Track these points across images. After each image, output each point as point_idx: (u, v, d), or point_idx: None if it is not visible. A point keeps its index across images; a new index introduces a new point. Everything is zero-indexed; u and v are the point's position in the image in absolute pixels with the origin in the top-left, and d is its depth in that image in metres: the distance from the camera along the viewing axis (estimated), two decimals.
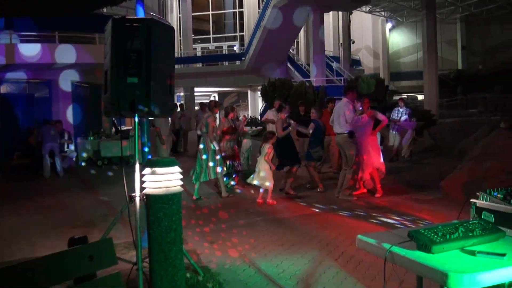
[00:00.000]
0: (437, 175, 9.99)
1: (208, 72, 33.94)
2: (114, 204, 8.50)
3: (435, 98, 26.13)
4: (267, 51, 29.10)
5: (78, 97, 16.41)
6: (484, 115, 24.31)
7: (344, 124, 8.77)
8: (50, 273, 2.39)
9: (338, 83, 27.58)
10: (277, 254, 5.65)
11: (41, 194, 10.34)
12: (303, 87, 22.14)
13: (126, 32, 3.95)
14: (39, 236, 6.81)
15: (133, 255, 4.41)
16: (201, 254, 5.70)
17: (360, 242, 2.67)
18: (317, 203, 8.59)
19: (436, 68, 26.71)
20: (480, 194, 2.86)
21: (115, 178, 11.54)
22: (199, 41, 39.89)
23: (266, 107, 24.00)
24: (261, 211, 8.09)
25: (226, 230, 6.81)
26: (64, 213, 8.40)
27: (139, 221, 4.04)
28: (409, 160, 13.72)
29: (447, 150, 13.91)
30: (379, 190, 8.96)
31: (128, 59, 3.91)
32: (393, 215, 7.44)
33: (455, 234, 2.39)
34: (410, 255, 2.29)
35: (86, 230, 6.76)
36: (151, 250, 3.90)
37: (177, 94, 37.53)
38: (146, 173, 3.93)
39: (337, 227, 6.83)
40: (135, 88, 3.89)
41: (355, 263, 5.22)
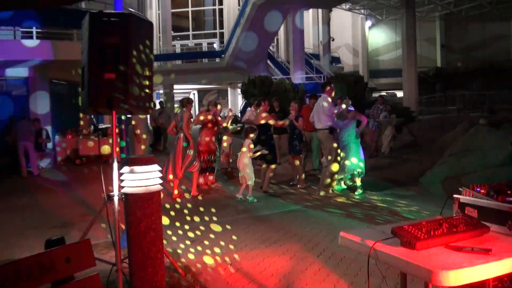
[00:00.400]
0: (417, 171, 10.06)
1: (187, 69, 33.74)
2: (93, 204, 8.37)
3: (414, 95, 26.32)
4: (247, 49, 29.04)
5: (55, 95, 16.16)
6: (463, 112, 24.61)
7: (324, 119, 8.77)
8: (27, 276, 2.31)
9: (318, 80, 27.63)
10: (258, 252, 5.60)
11: (18, 193, 10.15)
12: (283, 84, 22.16)
13: (103, 27, 3.87)
14: (17, 237, 6.65)
15: (112, 255, 4.34)
16: (182, 254, 5.63)
17: (343, 240, 2.63)
18: (298, 200, 8.57)
19: (415, 66, 26.90)
20: (463, 190, 2.85)
21: (94, 176, 11.38)
22: (179, 38, 39.64)
23: (246, 104, 23.96)
24: (242, 209, 8.04)
25: (207, 229, 6.74)
26: (42, 213, 8.25)
27: (118, 221, 3.97)
28: (389, 157, 13.79)
29: (426, 146, 14.02)
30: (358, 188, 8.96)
31: (106, 55, 3.83)
32: (374, 211, 7.46)
33: (439, 230, 2.37)
34: (394, 252, 2.26)
35: (64, 230, 6.64)
36: (131, 250, 3.82)
37: (157, 91, 37.26)
38: (124, 171, 3.85)
39: (319, 224, 6.81)
40: (112, 84, 3.80)
41: (337, 259, 5.20)
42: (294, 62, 27.77)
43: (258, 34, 27.97)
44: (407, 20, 26.78)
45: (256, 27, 27.52)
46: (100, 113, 4.20)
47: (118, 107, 3.99)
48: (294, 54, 27.77)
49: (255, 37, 28.19)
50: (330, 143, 8.80)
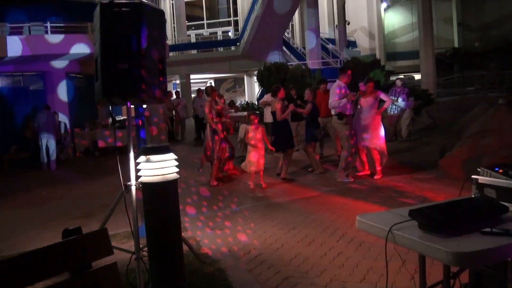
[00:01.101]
0: (437, 154, 9.94)
1: (203, 58, 33.72)
2: (113, 195, 8.41)
3: (432, 77, 26.01)
4: (262, 36, 28.89)
5: (73, 88, 16.29)
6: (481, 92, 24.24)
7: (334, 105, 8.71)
8: (45, 265, 2.33)
9: (334, 65, 27.44)
10: (277, 238, 5.60)
11: (38, 186, 10.29)
12: (299, 70, 22.04)
13: (114, 17, 3.86)
14: (37, 229, 6.76)
15: (132, 244, 4.37)
16: (201, 241, 5.66)
17: (360, 223, 2.61)
18: (316, 186, 8.55)
19: (433, 47, 26.54)
20: (481, 170, 2.80)
21: (112, 168, 11.45)
22: (193, 27, 39.61)
23: (263, 91, 23.89)
24: (260, 196, 8.04)
25: (225, 216, 6.77)
26: (62, 205, 8.36)
27: (136, 210, 3.99)
28: (408, 140, 13.67)
29: (445, 128, 13.84)
30: (379, 172, 8.89)
31: (118, 45, 3.82)
32: (393, 195, 7.40)
33: (457, 212, 2.33)
34: (412, 234, 2.23)
35: (84, 221, 6.73)
36: (149, 239, 3.84)
37: (173, 81, 37.36)
38: (140, 161, 3.86)
39: (337, 209, 6.79)
40: (126, 74, 3.80)
41: (356, 244, 5.18)
42: (310, 48, 27.58)
43: (272, 20, 27.79)
44: (422, 0, 26.37)
45: (271, 13, 27.34)
46: (115, 104, 4.21)
47: (132, 97, 3.99)
48: (310, 40, 27.57)
49: (270, 24, 28.02)
50: (342, 129, 8.74)
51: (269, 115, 10.90)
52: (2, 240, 6.34)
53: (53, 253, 2.39)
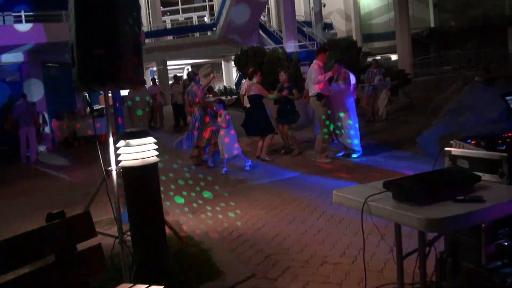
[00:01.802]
0: (414, 132, 10.09)
1: (179, 44, 33.44)
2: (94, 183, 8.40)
3: (408, 58, 26.16)
4: (238, 20, 28.75)
5: (49, 78, 16.09)
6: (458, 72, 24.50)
7: (312, 86, 8.76)
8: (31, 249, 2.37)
9: (311, 48, 27.44)
10: (259, 219, 5.68)
11: (19, 178, 10.23)
12: (276, 53, 21.99)
13: (89, 3, 3.85)
14: (20, 220, 6.72)
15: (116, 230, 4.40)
16: (183, 224, 5.71)
17: (337, 197, 2.68)
18: (294, 167, 8.64)
19: (409, 27, 26.65)
20: (454, 142, 2.89)
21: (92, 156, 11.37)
22: (168, 13, 39.23)
23: (240, 76, 23.85)
24: (240, 179, 8.11)
25: (207, 200, 6.82)
26: (44, 196, 8.33)
27: (118, 195, 4.02)
28: (386, 120, 13.83)
29: (422, 107, 14.01)
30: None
31: (93, 31, 3.82)
32: (371, 173, 7.53)
33: (431, 182, 2.41)
34: (386, 204, 2.31)
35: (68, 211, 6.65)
36: (132, 222, 3.88)
37: (150, 69, 37.05)
38: (120, 145, 3.88)
39: (316, 189, 6.89)
40: (102, 60, 3.80)
41: (336, 221, 5.28)
42: (286, 31, 27.46)
43: (248, 4, 27.67)
44: None
45: None
46: (93, 90, 4.21)
47: (109, 82, 4.00)
48: (286, 23, 27.46)
49: (246, 8, 27.89)
50: (319, 110, 8.81)
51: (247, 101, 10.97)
52: None
53: (38, 236, 2.43)
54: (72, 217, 2.70)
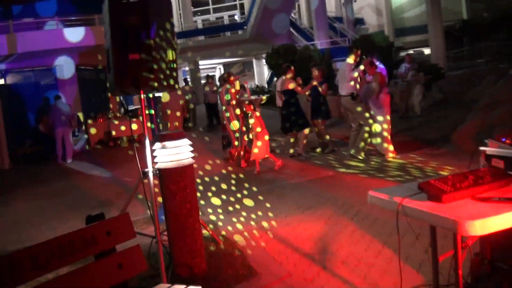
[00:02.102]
0: (448, 128, 9.95)
1: (210, 44, 33.67)
2: (130, 182, 8.60)
3: (441, 51, 25.77)
4: (269, 18, 28.77)
5: (83, 81, 16.43)
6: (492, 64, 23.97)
7: (346, 85, 8.73)
8: (71, 250, 2.45)
9: (343, 44, 27.27)
10: (293, 218, 5.71)
11: (55, 178, 10.47)
12: (307, 51, 21.95)
13: (123, 9, 3.94)
14: (57, 219, 6.92)
15: (152, 229, 4.49)
16: (219, 224, 5.78)
17: (372, 198, 2.69)
18: (329, 166, 8.63)
19: (441, 20, 26.23)
20: (489, 141, 2.86)
21: (127, 157, 11.62)
22: (199, 13, 39.53)
23: (272, 74, 23.86)
24: (274, 178, 8.14)
25: (242, 199, 6.87)
26: (81, 196, 8.52)
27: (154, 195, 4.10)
28: (420, 116, 13.65)
29: (456, 102, 13.81)
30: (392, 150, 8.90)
31: (128, 36, 3.91)
32: (406, 171, 7.46)
33: (465, 183, 2.40)
34: (422, 206, 2.31)
35: (104, 209, 6.82)
36: (169, 223, 3.97)
37: (182, 69, 37.40)
38: (156, 148, 3.97)
39: (351, 187, 6.88)
40: (137, 64, 3.89)
41: (370, 221, 5.26)
42: (317, 28, 27.39)
43: (278, 1, 27.64)
44: None
45: None
46: (128, 94, 4.31)
47: (144, 86, 4.09)
48: (317, 19, 27.37)
49: (276, 5, 27.89)
50: (356, 107, 8.75)
51: None
52: (23, 231, 6.51)
53: (79, 238, 2.51)
54: (112, 218, 2.78)
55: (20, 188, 9.81)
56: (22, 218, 7.29)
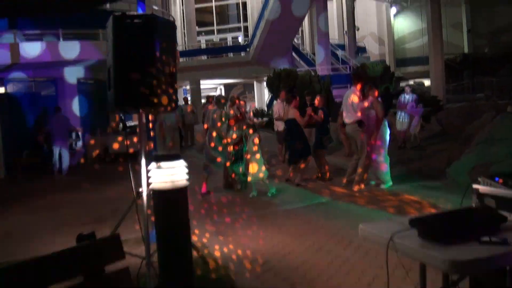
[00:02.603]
0: (445, 161, 9.97)
1: (213, 64, 33.87)
2: (123, 200, 8.54)
3: (441, 83, 25.98)
4: (272, 41, 29.01)
5: (84, 94, 16.47)
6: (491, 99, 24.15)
7: (353, 114, 8.76)
8: (60, 269, 2.44)
9: (344, 71, 27.51)
10: (285, 245, 5.69)
11: (50, 191, 10.44)
12: (308, 76, 22.09)
13: (127, 29, 3.98)
14: (50, 233, 6.89)
15: (143, 250, 4.47)
16: (210, 247, 5.75)
17: (363, 232, 2.69)
18: (325, 193, 8.62)
19: (442, 53, 26.52)
20: (482, 180, 2.88)
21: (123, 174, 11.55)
22: (203, 33, 39.84)
23: (272, 98, 23.97)
24: (269, 203, 8.13)
25: (234, 223, 6.85)
26: (74, 210, 8.49)
27: (147, 216, 4.09)
28: (417, 147, 13.67)
29: (454, 135, 13.83)
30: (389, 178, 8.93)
31: (130, 56, 3.95)
32: (400, 203, 7.45)
33: (456, 221, 2.41)
34: (412, 243, 2.31)
35: (96, 227, 6.82)
36: (159, 244, 3.95)
37: (183, 87, 37.56)
38: (151, 168, 3.97)
39: (345, 217, 6.87)
40: (138, 84, 3.92)
41: (362, 252, 5.25)
42: (319, 54, 27.65)
43: (282, 26, 27.91)
44: (432, 6, 26.37)
45: (280, 19, 27.47)
46: (127, 112, 4.34)
47: (144, 106, 4.12)
48: (319, 46, 27.66)
49: (280, 30, 28.14)
50: (358, 136, 8.78)
51: (280, 124, 11.05)
52: (15, 244, 6.47)
53: (68, 257, 2.50)
54: (101, 239, 2.79)
55: (14, 199, 9.76)
56: (14, 231, 7.25)
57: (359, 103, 8.70)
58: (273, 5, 27.14)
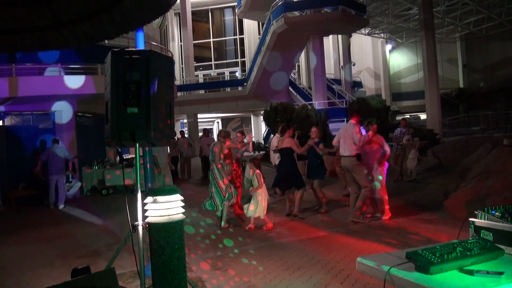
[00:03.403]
0: (442, 194, 9.99)
1: (210, 98, 34.12)
2: (119, 233, 8.52)
3: (437, 117, 26.15)
4: (269, 76, 29.33)
5: (81, 127, 16.52)
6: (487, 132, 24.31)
7: (353, 147, 8.80)
8: None
9: (340, 105, 27.72)
10: (282, 279, 5.64)
11: (46, 224, 10.37)
12: (304, 110, 22.25)
13: (125, 64, 4.03)
14: (44, 266, 6.82)
15: (138, 284, 4.43)
16: (206, 282, 5.70)
17: (360, 265, 2.68)
18: (322, 226, 8.59)
19: (438, 87, 26.77)
20: (478, 213, 2.88)
21: (119, 207, 11.53)
22: (201, 68, 40.24)
23: (269, 131, 24.09)
24: (265, 236, 8.08)
25: (230, 257, 6.80)
26: (69, 243, 8.42)
27: (143, 250, 4.06)
28: (414, 180, 13.70)
29: (450, 168, 13.90)
30: (387, 212, 8.93)
31: (128, 90, 3.99)
32: (398, 236, 7.43)
33: (453, 254, 2.40)
34: (409, 276, 2.31)
35: (91, 260, 6.78)
36: (155, 279, 3.91)
37: (181, 121, 37.74)
38: (147, 201, 3.97)
39: (343, 250, 6.82)
40: (135, 118, 3.95)
41: (360, 286, 5.20)
42: (316, 88, 27.91)
43: (279, 61, 28.27)
44: (427, 42, 26.74)
45: (277, 54, 27.85)
46: (124, 146, 4.35)
47: (141, 140, 4.14)
48: (316, 80, 27.93)
49: (276, 65, 28.49)
50: (359, 169, 8.81)
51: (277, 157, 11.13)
52: (10, 277, 6.40)
53: None
54: (96, 273, 2.76)
55: (10, 231, 9.68)
56: (9, 263, 7.17)
57: (357, 135, 8.76)
58: (270, 41, 27.53)
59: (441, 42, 39.30)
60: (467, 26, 38.25)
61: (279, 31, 26.43)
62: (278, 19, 26.35)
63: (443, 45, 40.43)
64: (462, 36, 41.61)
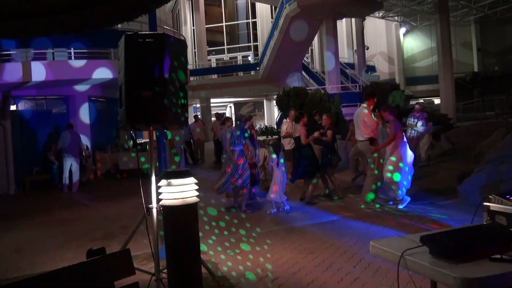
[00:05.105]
0: (455, 179, 9.92)
1: (223, 83, 34.04)
2: (133, 216, 8.57)
3: (451, 102, 25.90)
4: (282, 60, 29.14)
5: (95, 112, 16.60)
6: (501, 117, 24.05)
7: (365, 130, 8.77)
8: (69, 284, 2.45)
9: (354, 90, 27.50)
10: (295, 263, 5.66)
11: (60, 208, 10.47)
12: (318, 95, 22.09)
13: (138, 48, 4.04)
14: (59, 249, 6.91)
15: (152, 266, 4.47)
16: (219, 264, 5.74)
17: (374, 248, 2.68)
18: (335, 211, 8.59)
19: (452, 71, 26.47)
20: (493, 197, 2.87)
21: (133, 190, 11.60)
22: (214, 52, 40.10)
23: (282, 116, 24.00)
24: (279, 220, 8.11)
25: (244, 240, 6.84)
26: (83, 226, 8.51)
27: (157, 233, 4.10)
28: (427, 165, 13.62)
29: (464, 153, 13.79)
30: None
31: (142, 74, 4.00)
32: (411, 221, 7.41)
33: (467, 238, 2.39)
34: (422, 260, 2.30)
35: (105, 242, 6.85)
36: (169, 261, 3.95)
37: (194, 105, 37.76)
38: (162, 185, 4.00)
39: (355, 235, 6.83)
40: (149, 102, 3.96)
41: (372, 270, 5.21)
42: (329, 72, 27.70)
43: (292, 45, 28.05)
44: (441, 25, 26.38)
45: (290, 38, 27.61)
46: (138, 129, 4.37)
47: (154, 123, 4.16)
48: (329, 64, 27.72)
49: (289, 49, 28.28)
50: (371, 153, 8.78)
51: (287, 142, 11.11)
52: (24, 259, 6.49)
53: (78, 272, 2.51)
54: (112, 254, 2.79)
55: (24, 215, 9.81)
56: (24, 246, 7.27)
57: (369, 119, 8.71)
58: (283, 25, 27.30)
59: (456, 25, 38.66)
60: (481, 9, 37.55)
61: (292, 14, 26.18)
62: (291, 2, 26.07)
63: (457, 29, 39.78)
64: (477, 19, 40.88)
